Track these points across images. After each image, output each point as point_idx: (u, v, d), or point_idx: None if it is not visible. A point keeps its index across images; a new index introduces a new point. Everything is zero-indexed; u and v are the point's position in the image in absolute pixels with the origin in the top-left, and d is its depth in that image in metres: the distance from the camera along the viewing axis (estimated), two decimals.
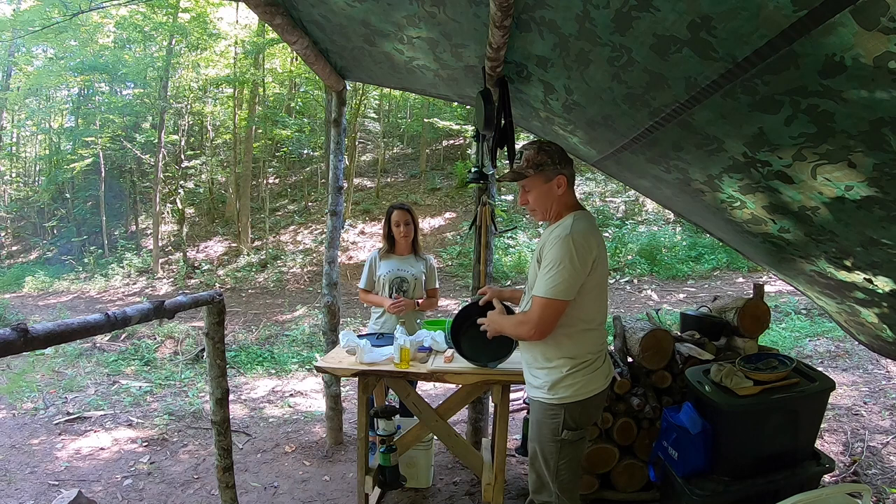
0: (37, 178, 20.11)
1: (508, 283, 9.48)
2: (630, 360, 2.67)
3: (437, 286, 3.09)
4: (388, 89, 11.55)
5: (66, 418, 4.12)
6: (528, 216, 12.40)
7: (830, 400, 2.51)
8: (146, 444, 3.66)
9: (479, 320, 1.93)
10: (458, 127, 13.33)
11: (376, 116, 16.88)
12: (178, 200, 13.82)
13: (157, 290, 11.53)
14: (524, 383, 1.91)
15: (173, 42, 12.88)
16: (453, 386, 2.84)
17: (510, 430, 2.61)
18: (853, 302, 2.11)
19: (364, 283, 3.03)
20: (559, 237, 1.66)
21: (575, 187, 1.85)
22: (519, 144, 2.17)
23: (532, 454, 1.83)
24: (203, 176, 15.57)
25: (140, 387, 4.96)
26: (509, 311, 1.97)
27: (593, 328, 1.76)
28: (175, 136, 14.58)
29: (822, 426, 2.72)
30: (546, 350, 1.75)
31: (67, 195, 16.49)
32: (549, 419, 1.74)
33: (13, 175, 20.17)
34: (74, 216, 16.18)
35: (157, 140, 13.15)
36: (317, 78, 7.38)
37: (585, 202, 12.65)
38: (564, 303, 1.64)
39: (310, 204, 14.86)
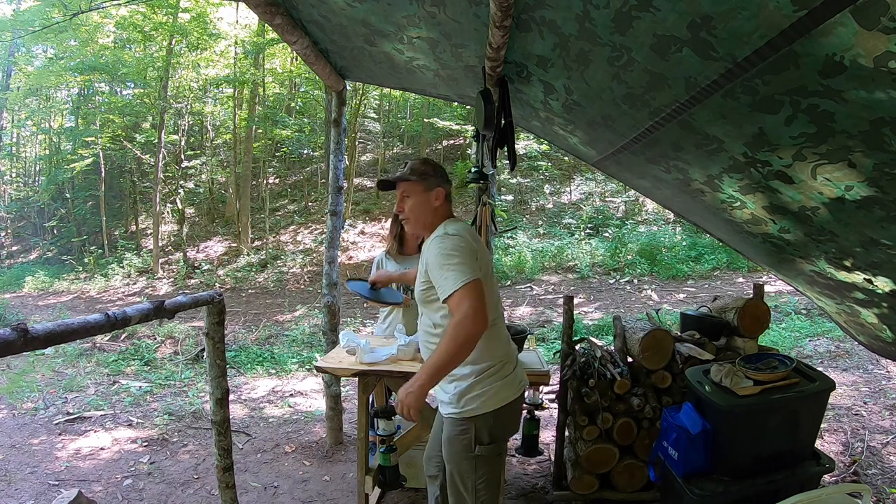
0: (37, 178, 20.12)
1: (508, 283, 9.48)
2: (630, 360, 2.67)
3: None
4: (388, 89, 11.56)
5: (66, 418, 4.12)
6: (528, 216, 12.41)
7: (830, 400, 2.50)
8: (146, 444, 3.66)
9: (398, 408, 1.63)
10: (458, 127, 13.33)
11: (376, 116, 16.88)
12: (178, 200, 13.82)
13: (157, 290, 11.53)
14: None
15: (173, 42, 12.87)
16: None
17: None
18: (853, 302, 2.11)
19: None
20: (435, 239, 1.68)
21: (453, 205, 1.85)
22: (519, 144, 2.17)
23: (448, 476, 1.73)
24: (203, 176, 15.57)
25: (140, 387, 4.96)
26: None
27: (489, 326, 1.64)
28: (175, 136, 14.57)
29: (822, 426, 2.72)
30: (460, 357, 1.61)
31: (67, 195, 16.48)
32: (460, 435, 1.66)
33: (13, 175, 20.19)
34: (74, 216, 16.18)
35: (157, 140, 13.15)
36: (317, 78, 7.38)
37: (585, 202, 12.66)
38: (478, 280, 1.56)
39: (310, 204, 14.87)
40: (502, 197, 12.03)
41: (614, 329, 2.78)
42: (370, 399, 2.56)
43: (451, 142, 16.41)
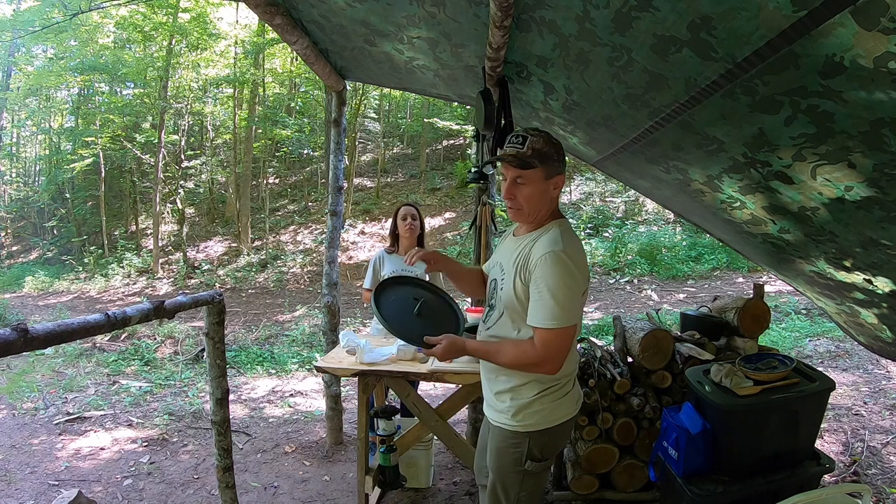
0: (37, 178, 20.15)
1: None
2: (630, 360, 2.67)
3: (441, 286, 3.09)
4: (388, 89, 11.56)
5: (66, 418, 4.12)
6: None
7: (830, 400, 2.50)
8: (146, 444, 3.66)
9: (427, 339, 1.57)
10: (458, 127, 13.34)
11: (376, 116, 16.89)
12: (178, 200, 13.82)
13: (157, 290, 11.53)
14: None
15: (173, 42, 12.88)
16: (453, 386, 2.84)
17: None
18: (853, 302, 2.11)
19: (369, 282, 3.02)
20: (552, 254, 1.44)
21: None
22: None
23: (490, 484, 1.65)
24: (203, 176, 15.58)
25: (140, 387, 4.96)
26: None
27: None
28: (175, 136, 14.59)
29: (822, 426, 2.72)
30: (514, 370, 1.56)
31: (67, 195, 16.49)
32: (511, 448, 1.57)
33: (13, 175, 20.20)
34: (74, 216, 16.18)
35: (157, 140, 13.15)
36: (317, 78, 7.38)
37: (585, 202, 12.65)
38: (574, 328, 1.46)
39: (310, 204, 14.87)
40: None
41: (614, 329, 2.78)
42: (370, 399, 2.56)
43: (451, 142, 16.41)
